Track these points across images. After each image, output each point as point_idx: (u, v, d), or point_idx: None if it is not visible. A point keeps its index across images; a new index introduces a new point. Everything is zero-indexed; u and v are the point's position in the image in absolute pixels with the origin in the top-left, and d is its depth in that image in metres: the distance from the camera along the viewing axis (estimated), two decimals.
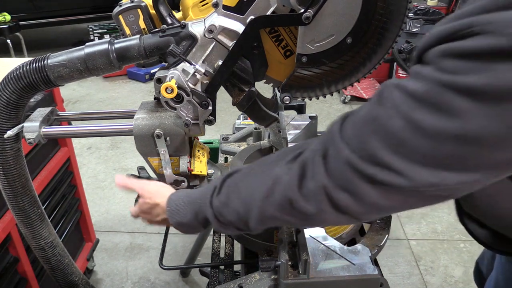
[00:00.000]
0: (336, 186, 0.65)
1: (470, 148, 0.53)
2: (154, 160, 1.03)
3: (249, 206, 0.77)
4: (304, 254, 0.95)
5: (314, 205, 0.68)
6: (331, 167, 0.65)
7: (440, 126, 0.53)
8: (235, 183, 0.81)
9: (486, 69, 0.49)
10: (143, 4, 0.94)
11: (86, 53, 0.91)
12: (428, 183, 0.57)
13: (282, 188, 0.71)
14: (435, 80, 0.53)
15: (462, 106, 0.51)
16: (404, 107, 0.56)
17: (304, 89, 0.97)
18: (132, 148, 1.00)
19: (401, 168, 0.58)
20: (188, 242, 2.46)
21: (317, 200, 0.68)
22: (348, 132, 0.64)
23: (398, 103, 0.57)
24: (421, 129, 0.55)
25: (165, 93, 0.91)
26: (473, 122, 0.51)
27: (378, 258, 1.17)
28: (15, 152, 1.01)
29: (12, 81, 0.92)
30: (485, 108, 0.50)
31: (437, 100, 0.53)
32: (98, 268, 2.38)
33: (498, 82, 0.48)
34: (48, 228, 1.15)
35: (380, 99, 0.60)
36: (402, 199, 0.62)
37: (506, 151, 0.52)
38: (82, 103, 4.59)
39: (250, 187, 0.77)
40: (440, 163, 0.56)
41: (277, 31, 0.91)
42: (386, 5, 0.84)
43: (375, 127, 0.60)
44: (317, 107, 4.12)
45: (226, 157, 1.62)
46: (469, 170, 0.55)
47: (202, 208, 0.85)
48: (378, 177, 0.60)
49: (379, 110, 0.60)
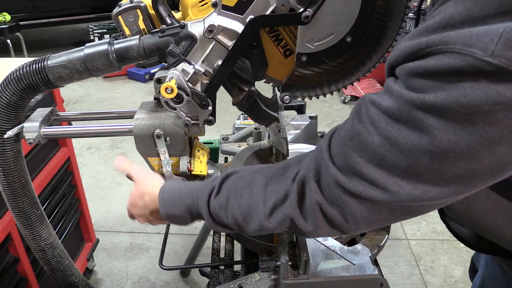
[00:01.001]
0: (328, 202, 0.68)
1: (445, 162, 0.54)
2: (154, 160, 1.03)
3: (249, 216, 0.78)
4: (304, 254, 0.94)
5: (312, 222, 0.71)
6: (323, 184, 0.68)
7: (413, 142, 0.55)
8: (236, 189, 0.81)
9: (451, 87, 0.50)
10: (143, 4, 0.94)
11: (86, 54, 0.91)
12: (411, 196, 0.59)
13: (285, 208, 0.74)
14: (405, 99, 0.55)
15: (431, 123, 0.53)
16: (380, 123, 0.58)
17: (304, 88, 0.97)
18: (132, 148, 1.00)
19: (384, 182, 0.60)
20: (188, 242, 2.46)
21: (314, 217, 0.71)
22: (334, 150, 0.67)
23: (375, 119, 0.59)
24: (397, 145, 0.57)
25: (165, 93, 0.91)
26: (443, 137, 0.53)
27: (378, 258, 1.17)
28: (15, 153, 1.01)
29: (12, 82, 0.92)
30: (452, 124, 0.52)
31: (408, 117, 0.55)
32: (98, 268, 2.39)
33: (462, 99, 0.50)
34: (48, 229, 1.15)
35: (359, 115, 0.63)
36: (389, 213, 0.64)
37: (480, 163, 0.53)
38: (82, 103, 4.59)
39: (253, 198, 0.78)
40: (419, 177, 0.57)
41: (276, 31, 0.90)
42: (386, 4, 0.83)
43: (356, 143, 0.62)
44: (317, 107, 4.12)
45: (226, 157, 1.62)
46: (449, 183, 0.57)
47: (198, 204, 0.85)
48: (364, 193, 0.62)
49: (359, 126, 0.62)
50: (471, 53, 0.48)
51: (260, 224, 0.77)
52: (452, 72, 0.50)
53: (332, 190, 0.66)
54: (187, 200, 0.87)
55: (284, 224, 0.75)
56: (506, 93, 0.48)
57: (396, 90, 0.57)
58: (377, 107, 0.59)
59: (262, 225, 0.77)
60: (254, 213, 0.77)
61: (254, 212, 0.77)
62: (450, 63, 0.50)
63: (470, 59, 0.48)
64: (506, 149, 0.52)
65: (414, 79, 0.54)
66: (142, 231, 2.65)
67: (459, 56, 0.49)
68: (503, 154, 0.52)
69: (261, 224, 0.77)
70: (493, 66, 0.47)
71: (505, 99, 0.48)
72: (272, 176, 0.78)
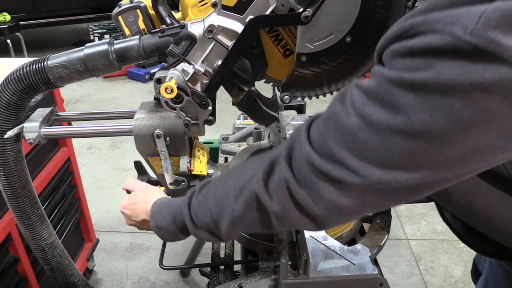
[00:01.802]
0: (296, 181, 0.66)
1: (417, 143, 0.54)
2: (154, 160, 1.03)
3: (222, 205, 0.77)
4: (304, 254, 0.94)
5: (277, 200, 0.69)
6: (294, 162, 0.67)
7: (387, 121, 0.55)
8: (214, 185, 0.82)
9: (430, 66, 0.50)
10: (143, 4, 0.94)
11: (86, 54, 0.91)
12: (379, 180, 0.58)
13: (251, 184, 0.72)
14: (383, 77, 0.55)
15: (408, 101, 0.52)
16: (358, 104, 0.58)
17: (304, 88, 0.97)
18: (132, 148, 1.00)
19: (353, 165, 0.59)
20: (188, 242, 2.45)
21: (280, 195, 0.68)
22: (313, 129, 0.66)
23: (354, 100, 0.59)
24: (371, 125, 0.56)
25: (165, 93, 0.91)
26: (417, 117, 0.52)
27: (378, 258, 1.17)
28: (16, 153, 1.01)
29: (12, 82, 0.92)
30: (428, 103, 0.51)
31: (385, 96, 0.55)
32: (98, 268, 2.38)
33: (440, 77, 0.49)
34: (48, 229, 1.15)
35: (342, 98, 0.62)
36: (359, 197, 0.63)
37: (453, 147, 0.53)
38: (82, 103, 4.59)
39: (226, 186, 0.78)
40: (390, 161, 0.57)
41: (276, 31, 0.91)
42: (386, 4, 0.84)
43: (333, 123, 0.62)
44: (317, 107, 4.11)
45: (226, 157, 1.62)
46: (420, 167, 0.56)
47: (181, 210, 0.85)
48: (333, 173, 0.61)
49: (340, 108, 0.62)
50: (451, 32, 0.48)
51: (230, 210, 0.75)
52: (432, 50, 0.50)
53: (302, 168, 0.65)
54: (173, 208, 0.88)
55: (251, 204, 0.72)
56: (484, 73, 0.47)
57: (378, 72, 0.57)
58: (358, 88, 0.59)
59: (232, 210, 0.75)
60: (226, 198, 0.76)
61: (226, 196, 0.76)
62: (431, 42, 0.50)
63: (450, 38, 0.48)
64: (480, 133, 0.51)
65: (395, 60, 0.54)
66: (142, 231, 2.65)
67: (440, 36, 0.49)
68: (477, 138, 0.51)
69: (231, 210, 0.75)
70: (471, 46, 0.47)
71: (482, 79, 0.47)
72: (250, 163, 0.78)
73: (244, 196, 0.73)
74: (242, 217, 0.75)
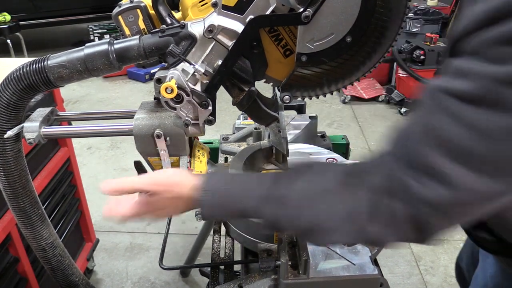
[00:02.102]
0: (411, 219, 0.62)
1: None
2: (154, 160, 1.03)
3: (324, 224, 0.71)
4: (304, 254, 0.94)
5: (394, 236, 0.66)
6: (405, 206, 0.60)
7: (507, 125, 0.47)
8: (308, 196, 0.73)
9: None
10: (143, 4, 0.94)
11: (86, 53, 0.91)
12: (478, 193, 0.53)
13: (357, 226, 0.67)
14: (486, 75, 0.47)
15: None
16: (460, 112, 0.50)
17: (304, 88, 0.97)
18: (132, 148, 1.00)
19: (457, 177, 0.53)
20: (188, 242, 2.45)
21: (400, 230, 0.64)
22: (406, 157, 0.58)
23: (452, 109, 0.51)
24: (485, 133, 0.48)
25: (165, 93, 0.91)
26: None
27: (378, 258, 1.17)
28: (16, 153, 1.01)
29: (12, 82, 0.92)
30: None
31: (494, 97, 0.47)
32: (98, 268, 2.39)
33: None
34: (49, 228, 1.15)
35: (430, 108, 0.54)
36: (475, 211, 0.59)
37: None
38: (82, 103, 4.59)
39: (329, 207, 0.70)
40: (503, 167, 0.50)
41: (276, 31, 0.91)
42: (386, 4, 0.84)
43: (433, 139, 0.54)
44: (317, 107, 4.12)
45: (226, 157, 1.62)
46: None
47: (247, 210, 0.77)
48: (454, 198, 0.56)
49: (433, 120, 0.53)
50: None
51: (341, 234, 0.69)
52: None
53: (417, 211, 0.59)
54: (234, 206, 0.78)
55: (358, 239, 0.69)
56: None
57: (471, 68, 0.48)
58: (451, 95, 0.51)
59: (361, 231, 0.67)
60: (332, 222, 0.69)
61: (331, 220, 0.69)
62: None
63: None
64: None
65: (494, 49, 0.46)
66: (142, 231, 2.65)
67: None
68: None
69: (361, 230, 0.67)
70: None
71: None
72: (341, 183, 0.70)
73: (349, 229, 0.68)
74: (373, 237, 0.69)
